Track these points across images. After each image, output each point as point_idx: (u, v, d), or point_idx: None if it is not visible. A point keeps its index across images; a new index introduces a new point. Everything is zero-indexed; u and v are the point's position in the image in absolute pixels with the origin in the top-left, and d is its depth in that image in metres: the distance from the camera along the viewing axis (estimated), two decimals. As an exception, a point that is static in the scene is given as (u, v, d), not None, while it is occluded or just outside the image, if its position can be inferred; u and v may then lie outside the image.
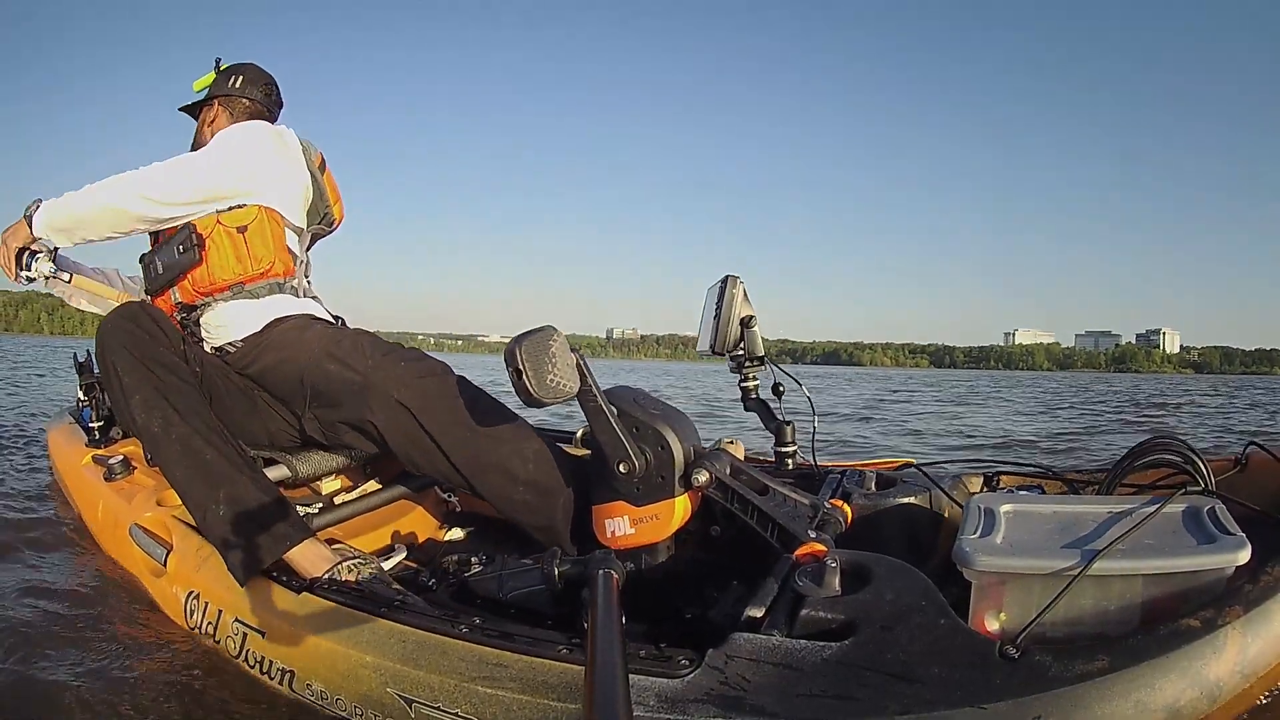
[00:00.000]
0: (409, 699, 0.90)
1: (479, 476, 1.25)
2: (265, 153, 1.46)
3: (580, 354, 1.00)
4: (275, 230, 1.48)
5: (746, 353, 1.53)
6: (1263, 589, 0.74)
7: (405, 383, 1.29)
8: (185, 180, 1.40)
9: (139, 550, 1.34)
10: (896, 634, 0.76)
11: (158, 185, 1.39)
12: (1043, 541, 0.86)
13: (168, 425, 1.22)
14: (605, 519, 1.11)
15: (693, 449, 1.10)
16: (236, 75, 1.61)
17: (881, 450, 4.42)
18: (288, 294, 1.50)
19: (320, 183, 1.57)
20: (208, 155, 1.43)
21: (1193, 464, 1.01)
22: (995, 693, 0.69)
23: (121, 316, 1.26)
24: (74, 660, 1.17)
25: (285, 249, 1.50)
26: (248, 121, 1.54)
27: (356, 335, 1.40)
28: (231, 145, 1.44)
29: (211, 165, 1.42)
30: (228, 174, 1.42)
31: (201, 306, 1.46)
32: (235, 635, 1.12)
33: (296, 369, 1.37)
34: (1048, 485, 1.30)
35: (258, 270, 1.45)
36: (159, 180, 1.39)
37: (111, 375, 1.25)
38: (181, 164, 1.42)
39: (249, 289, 1.45)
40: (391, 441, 1.31)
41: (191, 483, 1.21)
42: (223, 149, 1.44)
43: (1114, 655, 0.70)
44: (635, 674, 0.78)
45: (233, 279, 1.44)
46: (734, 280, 1.53)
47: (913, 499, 1.24)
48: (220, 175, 1.42)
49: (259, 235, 1.44)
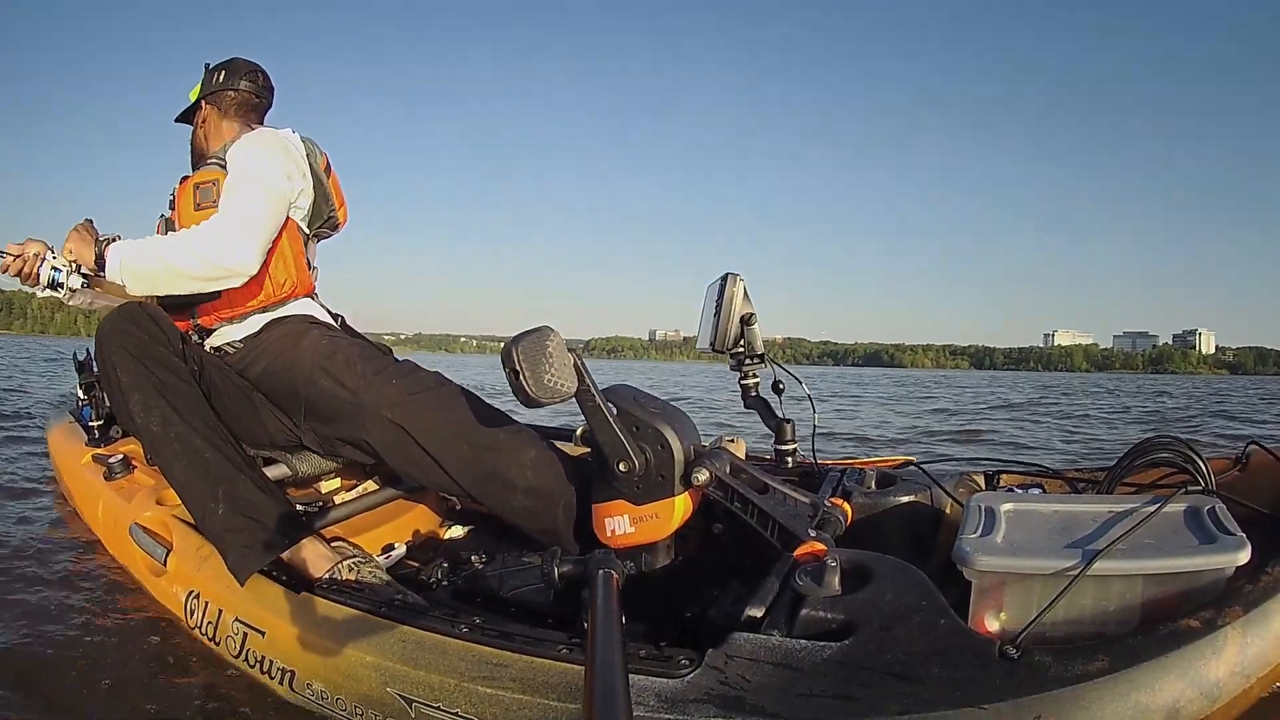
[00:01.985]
0: (409, 699, 0.90)
1: (478, 487, 1.25)
2: (287, 171, 1.44)
3: (578, 353, 1.00)
4: (295, 248, 1.48)
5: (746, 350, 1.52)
6: (1263, 589, 0.74)
7: (397, 401, 1.30)
8: (261, 236, 1.36)
9: (139, 549, 1.34)
10: (896, 634, 0.76)
11: (233, 249, 1.32)
12: (1043, 541, 0.86)
13: (166, 424, 1.22)
14: (605, 518, 1.11)
15: (693, 447, 1.10)
16: (219, 71, 1.59)
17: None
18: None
19: (326, 185, 1.56)
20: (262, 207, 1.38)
21: (1193, 463, 1.01)
22: (995, 693, 0.69)
23: (120, 317, 1.26)
24: (74, 660, 1.18)
25: (304, 267, 1.50)
26: (255, 135, 1.48)
27: (349, 349, 1.40)
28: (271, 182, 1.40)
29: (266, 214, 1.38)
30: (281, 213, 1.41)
31: (218, 326, 1.46)
32: (235, 635, 1.12)
33: (291, 378, 1.38)
34: (1048, 484, 1.30)
35: (279, 295, 1.46)
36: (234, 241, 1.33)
37: (110, 375, 1.25)
38: (246, 218, 1.35)
39: (268, 308, 1.46)
40: (388, 458, 1.32)
41: (191, 482, 1.21)
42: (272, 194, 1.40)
43: (1114, 655, 0.70)
44: (635, 674, 0.78)
45: (255, 305, 1.44)
46: (734, 278, 1.53)
47: (913, 497, 1.24)
48: (277, 218, 1.40)
49: (280, 259, 1.44)
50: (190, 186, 1.44)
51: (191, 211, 1.42)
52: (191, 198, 1.42)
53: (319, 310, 1.55)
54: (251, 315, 1.45)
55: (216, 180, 1.41)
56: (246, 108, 1.58)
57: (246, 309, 1.44)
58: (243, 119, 1.57)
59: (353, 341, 1.45)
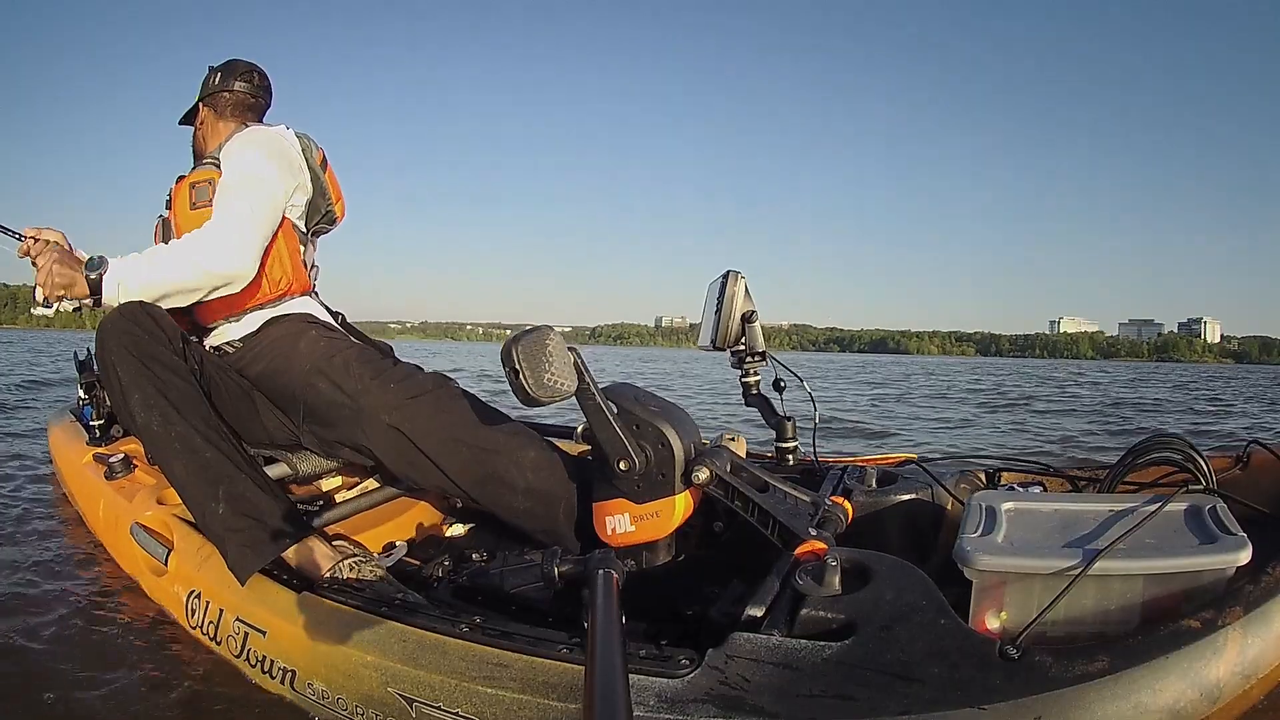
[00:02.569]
0: (410, 698, 0.90)
1: (478, 489, 1.25)
2: (280, 169, 1.44)
3: (577, 352, 1.00)
4: (291, 247, 1.47)
5: (747, 348, 1.52)
6: (1264, 589, 0.74)
7: (395, 405, 1.30)
8: (256, 239, 1.36)
9: (140, 549, 1.34)
10: (897, 633, 0.76)
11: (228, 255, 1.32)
12: (1044, 541, 0.86)
13: (167, 424, 1.21)
14: (606, 516, 1.11)
15: (693, 446, 1.10)
16: (216, 73, 1.59)
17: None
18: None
19: (322, 181, 1.56)
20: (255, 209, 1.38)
21: (1194, 462, 1.01)
22: (995, 693, 0.69)
23: (120, 316, 1.26)
24: (74, 659, 1.18)
25: (300, 265, 1.50)
26: (248, 134, 1.48)
27: (347, 351, 1.40)
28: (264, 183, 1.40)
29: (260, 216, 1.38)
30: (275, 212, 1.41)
31: (216, 324, 1.46)
32: (236, 634, 1.12)
33: (289, 380, 1.38)
34: (1049, 482, 1.30)
35: (275, 293, 1.46)
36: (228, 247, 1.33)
37: (111, 375, 1.24)
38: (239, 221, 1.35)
39: (265, 306, 1.46)
40: (388, 463, 1.32)
41: (191, 481, 1.21)
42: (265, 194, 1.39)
43: (1114, 656, 0.70)
44: (635, 674, 0.78)
45: (252, 304, 1.44)
46: (735, 276, 1.53)
47: (914, 495, 1.24)
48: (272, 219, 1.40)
49: (276, 259, 1.44)
50: (186, 186, 1.44)
51: (188, 211, 1.41)
52: (187, 197, 1.42)
53: (318, 309, 1.55)
54: (249, 313, 1.45)
55: (211, 180, 1.41)
56: (243, 108, 1.58)
57: (244, 308, 1.44)
58: (239, 119, 1.57)
59: (351, 343, 1.45)
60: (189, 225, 1.39)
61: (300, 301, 1.51)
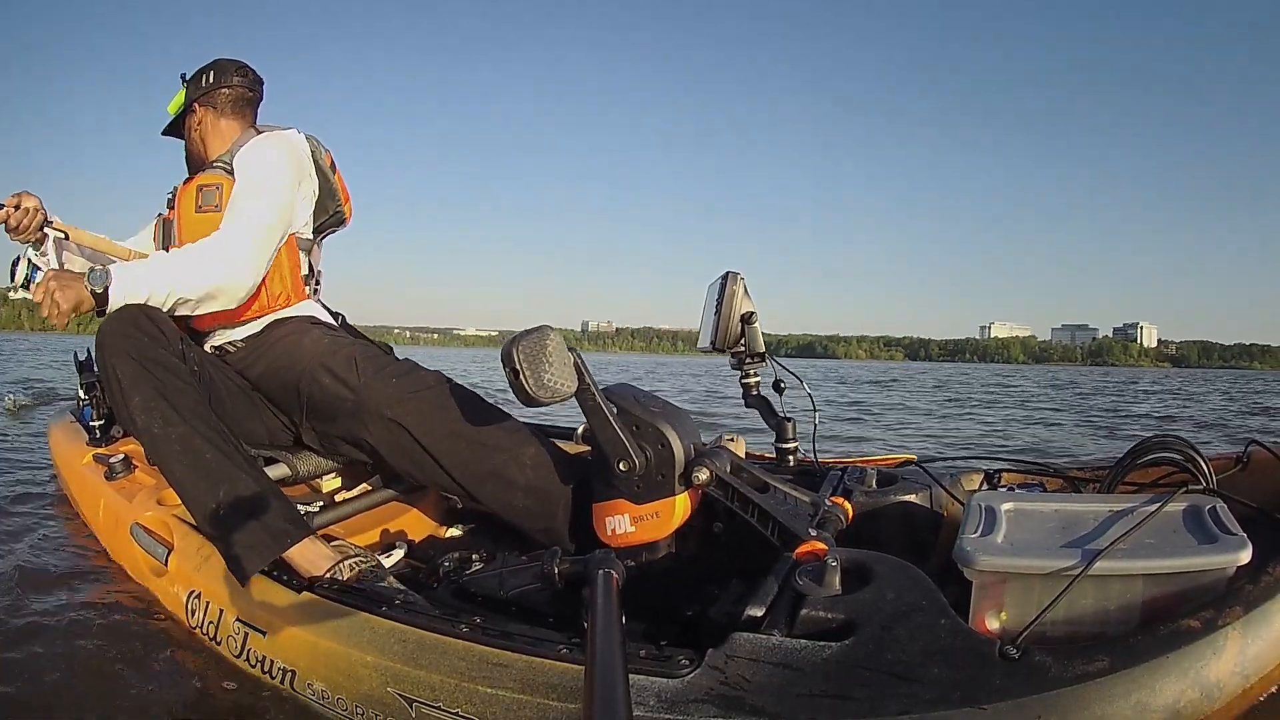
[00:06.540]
0: (410, 698, 0.90)
1: (478, 486, 1.26)
2: (295, 178, 1.44)
3: (577, 352, 1.00)
4: (292, 260, 1.48)
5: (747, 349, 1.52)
6: (1263, 589, 0.74)
7: (397, 399, 1.30)
8: (266, 254, 1.37)
9: (140, 549, 1.34)
10: (897, 634, 0.76)
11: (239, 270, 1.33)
12: (1044, 541, 0.86)
13: (167, 425, 1.21)
14: (606, 517, 1.11)
15: (693, 446, 1.10)
16: (206, 72, 1.57)
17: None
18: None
19: (332, 182, 1.55)
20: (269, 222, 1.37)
21: (1194, 462, 1.01)
22: (995, 693, 0.69)
23: (120, 319, 1.25)
24: (74, 660, 1.18)
25: (299, 279, 1.50)
26: (262, 140, 1.47)
27: (350, 348, 1.40)
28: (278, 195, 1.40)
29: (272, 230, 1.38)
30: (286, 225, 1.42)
31: (217, 328, 1.47)
32: (236, 634, 1.12)
33: (293, 376, 1.38)
34: (1049, 482, 1.30)
35: (273, 306, 1.46)
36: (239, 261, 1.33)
37: (111, 377, 1.24)
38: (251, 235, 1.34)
39: (264, 316, 1.46)
40: (388, 457, 1.33)
41: (191, 482, 1.21)
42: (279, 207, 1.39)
43: (1114, 656, 0.70)
44: (635, 674, 0.78)
45: (250, 315, 1.45)
46: (734, 276, 1.53)
47: (913, 496, 1.24)
48: (282, 232, 1.41)
49: (277, 273, 1.44)
50: (193, 188, 1.43)
51: (192, 213, 1.41)
52: (194, 200, 1.42)
53: (320, 311, 1.56)
54: (249, 322, 1.46)
55: (221, 185, 1.40)
56: (242, 103, 1.56)
57: (240, 320, 1.45)
58: (240, 115, 1.56)
59: (354, 341, 1.46)
60: (193, 229, 1.39)
61: (303, 304, 1.51)
